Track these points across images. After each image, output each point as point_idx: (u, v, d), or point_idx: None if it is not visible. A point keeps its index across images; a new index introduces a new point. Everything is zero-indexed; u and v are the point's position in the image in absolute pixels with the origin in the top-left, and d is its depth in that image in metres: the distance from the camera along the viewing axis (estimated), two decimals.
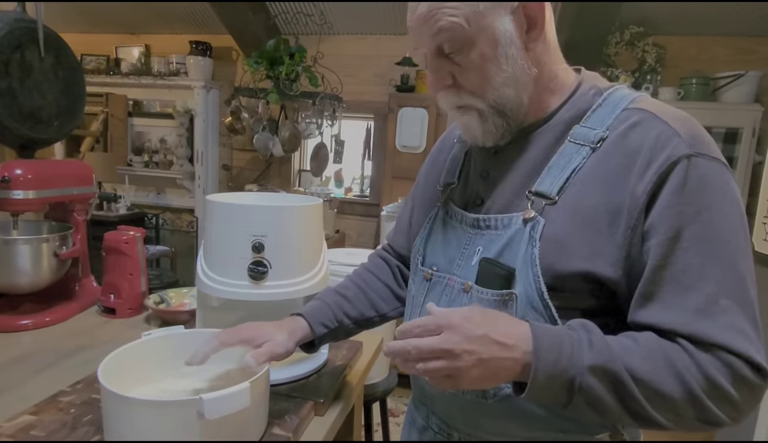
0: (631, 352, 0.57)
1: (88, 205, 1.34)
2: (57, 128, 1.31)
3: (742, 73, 2.70)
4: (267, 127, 3.10)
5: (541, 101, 0.71)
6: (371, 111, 3.40)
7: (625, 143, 0.63)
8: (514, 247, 0.67)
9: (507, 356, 0.56)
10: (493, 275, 0.67)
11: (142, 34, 3.88)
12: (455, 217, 0.79)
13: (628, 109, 0.66)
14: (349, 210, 3.55)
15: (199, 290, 0.98)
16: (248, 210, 0.93)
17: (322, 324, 0.86)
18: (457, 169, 0.82)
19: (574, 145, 0.67)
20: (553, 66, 0.71)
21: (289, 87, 2.83)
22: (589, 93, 0.70)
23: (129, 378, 0.78)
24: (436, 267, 0.78)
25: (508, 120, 0.70)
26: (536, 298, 0.64)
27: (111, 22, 3.75)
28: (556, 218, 0.65)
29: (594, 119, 0.67)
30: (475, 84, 0.67)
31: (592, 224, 0.62)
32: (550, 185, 0.66)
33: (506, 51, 0.65)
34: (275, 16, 3.34)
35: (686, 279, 0.58)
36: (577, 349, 0.57)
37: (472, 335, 0.56)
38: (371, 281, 0.95)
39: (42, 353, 1.05)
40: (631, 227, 0.60)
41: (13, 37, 1.18)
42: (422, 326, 0.58)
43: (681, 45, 2.95)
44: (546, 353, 0.56)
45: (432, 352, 0.56)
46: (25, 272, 1.19)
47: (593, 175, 0.64)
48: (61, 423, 0.76)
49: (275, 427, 0.80)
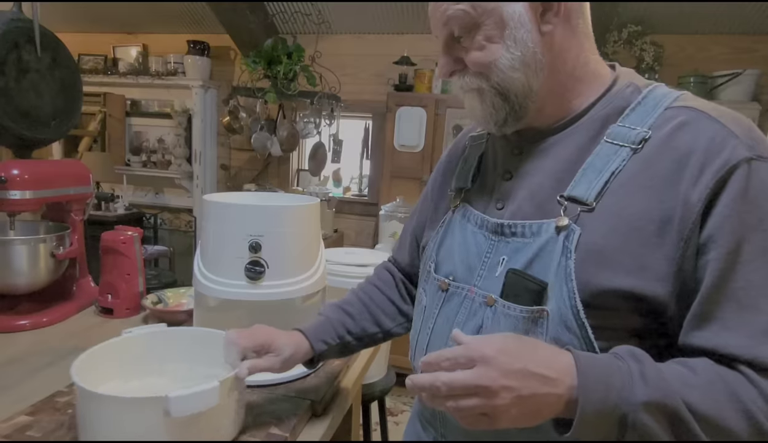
0: (689, 384, 0.51)
1: (85, 205, 1.34)
2: (54, 127, 1.31)
3: (739, 72, 2.70)
4: (265, 126, 3.09)
5: (569, 91, 0.65)
6: (369, 110, 3.40)
7: (673, 145, 0.57)
8: (546, 258, 0.61)
9: (549, 391, 0.51)
10: (522, 290, 0.61)
11: (140, 34, 3.87)
12: (474, 221, 0.72)
13: (672, 107, 0.61)
14: (347, 210, 3.55)
15: (196, 290, 0.98)
16: (245, 210, 0.93)
17: (323, 341, 0.82)
18: (471, 172, 0.77)
19: (611, 145, 0.61)
20: (582, 53, 0.65)
21: (287, 86, 2.82)
22: (627, 90, 0.64)
23: (106, 374, 0.79)
24: (452, 277, 0.71)
25: (514, 105, 0.65)
26: (570, 316, 0.57)
27: (108, 22, 3.74)
28: (594, 227, 0.58)
29: (634, 118, 0.62)
30: (480, 65, 0.64)
31: (637, 233, 0.56)
32: (587, 190, 0.60)
33: (515, 33, 0.61)
34: (273, 16, 3.33)
35: (747, 298, 0.53)
36: (628, 382, 0.51)
37: (510, 369, 0.50)
38: (376, 296, 0.90)
39: (39, 353, 1.04)
40: (684, 238, 0.55)
41: (9, 37, 1.18)
42: (452, 360, 0.52)
43: (679, 43, 2.95)
44: (593, 387, 0.50)
45: (465, 388, 0.50)
46: (23, 273, 1.19)
47: (637, 179, 0.58)
48: (58, 424, 0.76)
49: (272, 427, 0.79)
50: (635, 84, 0.65)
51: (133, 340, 0.85)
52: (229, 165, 3.81)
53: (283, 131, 3.06)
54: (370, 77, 3.38)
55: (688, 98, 0.62)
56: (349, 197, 3.62)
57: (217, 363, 0.79)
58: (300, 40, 3.02)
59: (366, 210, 3.51)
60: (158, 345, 0.86)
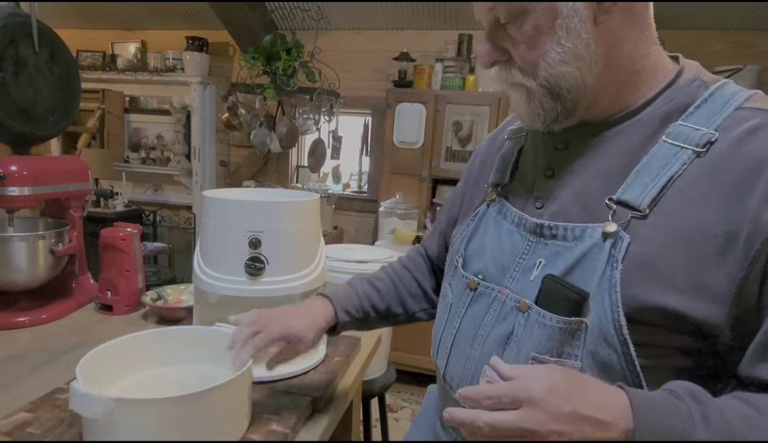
0: (755, 425, 0.47)
1: (84, 202, 1.34)
2: (52, 124, 1.31)
3: (740, 67, 2.69)
4: (264, 123, 3.08)
5: (625, 85, 0.59)
6: (369, 107, 3.39)
7: (744, 151, 0.52)
8: (588, 266, 0.56)
9: (603, 436, 0.47)
10: (560, 298, 0.56)
11: (138, 30, 3.86)
12: (510, 218, 0.67)
13: (743, 108, 0.55)
14: (347, 206, 3.54)
15: (196, 286, 0.98)
16: (244, 206, 0.92)
17: (347, 312, 0.81)
18: (509, 167, 0.72)
19: (671, 146, 0.55)
20: (642, 43, 0.58)
21: (286, 83, 2.82)
22: (693, 85, 0.58)
23: (129, 369, 0.80)
24: (482, 276, 0.67)
25: (565, 103, 0.59)
26: (611, 331, 0.53)
27: (107, 18, 3.73)
28: (646, 236, 0.54)
29: (698, 117, 0.56)
30: (526, 59, 0.58)
31: (696, 247, 0.51)
32: (640, 194, 0.55)
33: (567, 23, 0.55)
34: (272, 12, 3.32)
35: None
36: (689, 425, 0.47)
37: (560, 412, 0.46)
38: (405, 277, 0.89)
39: (39, 350, 1.04)
40: (750, 259, 0.49)
41: (6, 33, 1.17)
42: (495, 399, 0.48)
43: (680, 39, 2.94)
44: (651, 432, 0.46)
45: (509, 431, 0.47)
46: (22, 270, 1.19)
47: (699, 187, 0.53)
48: (58, 421, 0.76)
49: (273, 424, 0.79)
50: (701, 79, 0.59)
51: (150, 336, 0.85)
52: (228, 162, 3.81)
53: (282, 127, 3.05)
54: (369, 73, 3.37)
55: (763, 98, 0.57)
56: (348, 194, 3.61)
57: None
58: (299, 36, 3.01)
59: (365, 207, 3.51)
60: (174, 340, 0.86)
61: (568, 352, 0.56)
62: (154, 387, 0.80)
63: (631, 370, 0.54)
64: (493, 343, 0.63)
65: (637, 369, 0.53)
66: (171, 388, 0.77)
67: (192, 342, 0.87)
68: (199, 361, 0.86)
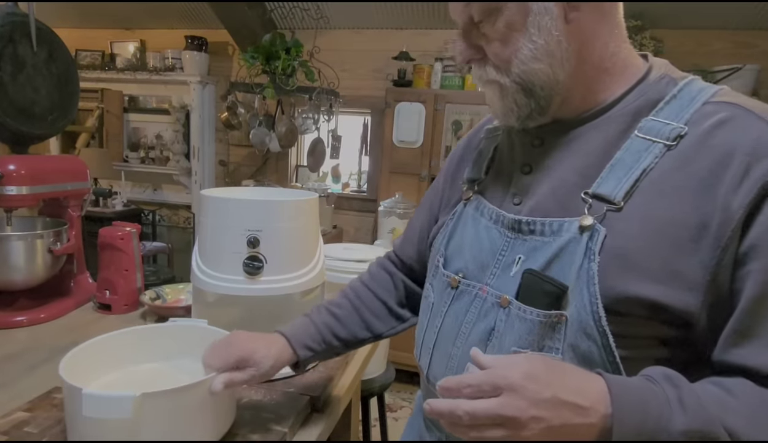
0: (730, 409, 0.48)
1: (82, 201, 1.34)
2: (50, 123, 1.30)
3: (739, 67, 2.69)
4: (263, 122, 3.08)
5: (596, 82, 0.61)
6: (368, 106, 3.39)
7: (712, 143, 0.53)
8: (566, 259, 0.57)
9: (582, 421, 0.47)
10: (539, 292, 0.57)
11: (137, 30, 3.86)
12: (488, 215, 0.68)
13: (710, 102, 0.56)
14: (346, 206, 3.54)
15: (194, 285, 0.98)
16: (243, 205, 0.92)
17: (306, 347, 0.78)
18: (485, 162, 0.73)
19: (643, 140, 0.57)
20: (612, 41, 0.60)
21: (286, 82, 2.81)
22: (662, 82, 0.60)
23: (114, 365, 0.79)
24: (463, 274, 0.67)
25: (539, 100, 0.61)
26: (591, 323, 0.54)
27: (105, 18, 3.73)
28: (621, 228, 0.55)
29: (668, 112, 0.57)
30: (500, 56, 0.60)
31: (669, 238, 0.52)
32: (615, 188, 0.56)
33: (539, 20, 0.57)
34: (271, 11, 3.32)
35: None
36: (665, 410, 0.48)
37: (539, 398, 0.47)
38: (367, 298, 0.86)
39: (37, 349, 1.04)
40: (722, 246, 0.51)
41: (5, 32, 1.17)
42: (475, 387, 0.48)
43: (679, 39, 2.94)
44: (629, 416, 0.47)
45: (489, 418, 0.47)
46: (20, 269, 1.19)
47: (671, 179, 0.54)
48: (56, 420, 0.76)
49: (271, 423, 0.79)
50: (670, 76, 0.61)
51: (150, 331, 0.85)
52: (228, 161, 3.80)
53: (281, 126, 3.05)
54: (368, 73, 3.37)
55: (729, 93, 0.58)
56: (347, 193, 3.61)
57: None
58: (298, 36, 3.01)
59: (365, 206, 3.51)
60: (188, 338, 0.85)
61: (549, 345, 0.57)
62: (137, 383, 0.79)
63: (611, 361, 0.55)
64: (475, 340, 0.63)
65: (616, 360, 0.54)
66: (156, 384, 0.77)
67: (173, 339, 0.86)
68: (180, 357, 0.84)
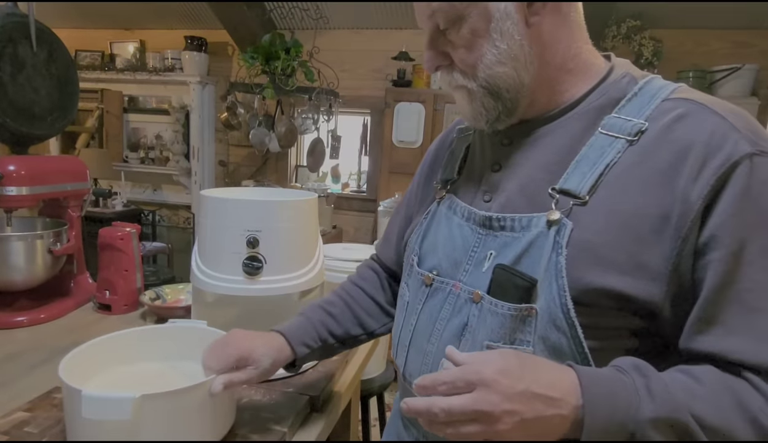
0: (696, 395, 0.50)
1: (82, 201, 1.34)
2: (50, 123, 1.31)
3: (738, 67, 2.70)
4: (263, 122, 3.08)
5: (560, 83, 0.63)
6: (368, 106, 3.39)
7: (671, 138, 0.55)
8: (535, 254, 0.58)
9: (554, 413, 0.48)
10: (510, 286, 0.59)
11: (137, 30, 3.86)
12: (460, 213, 0.69)
13: (669, 99, 0.58)
14: (346, 206, 3.54)
15: (194, 285, 0.98)
16: (242, 205, 0.92)
17: (304, 344, 0.78)
18: (457, 162, 0.75)
19: (606, 136, 0.59)
20: (573, 43, 0.62)
21: (285, 82, 2.82)
22: (623, 80, 0.62)
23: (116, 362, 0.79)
24: (437, 271, 0.69)
25: (505, 102, 0.63)
26: (560, 315, 0.55)
27: (105, 18, 3.73)
28: (587, 222, 0.56)
29: (630, 109, 0.59)
30: (466, 62, 0.62)
31: (632, 230, 0.54)
32: (580, 183, 0.58)
33: (501, 26, 0.59)
34: (270, 11, 3.32)
35: (753, 300, 0.51)
36: (634, 399, 0.49)
37: (512, 392, 0.48)
38: (359, 296, 0.87)
39: (37, 350, 1.04)
40: (682, 236, 0.52)
41: (5, 32, 1.17)
42: (449, 384, 0.49)
43: (678, 38, 2.94)
44: (599, 406, 0.49)
45: (464, 414, 0.48)
46: (20, 269, 1.19)
47: (632, 173, 0.56)
48: (56, 420, 0.76)
49: (271, 423, 0.79)
50: (631, 74, 0.63)
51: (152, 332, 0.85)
52: (228, 161, 3.81)
53: (281, 126, 3.05)
54: (368, 73, 3.37)
55: (686, 90, 0.60)
56: (347, 193, 3.61)
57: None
58: (298, 36, 3.01)
59: (364, 206, 3.51)
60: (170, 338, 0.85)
61: (521, 338, 0.58)
62: (136, 384, 0.78)
63: (580, 352, 0.56)
64: (449, 336, 0.65)
65: (585, 351, 0.56)
66: (155, 386, 0.77)
67: (172, 340, 0.86)
68: (179, 359, 0.84)
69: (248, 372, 0.72)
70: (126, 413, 0.60)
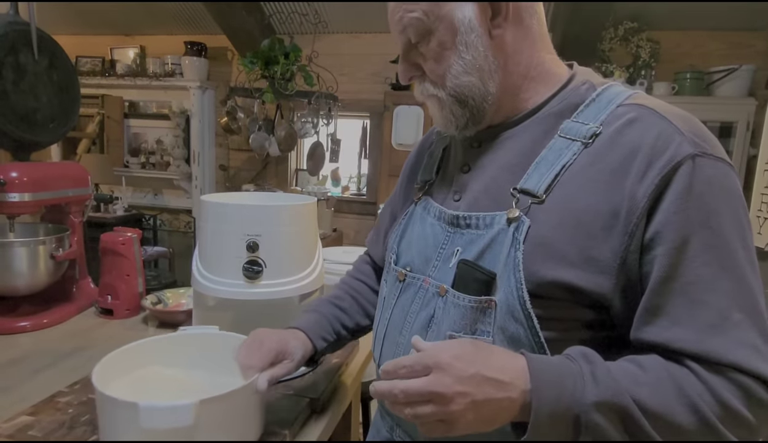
0: (639, 382, 0.53)
1: (84, 207, 1.35)
2: (52, 130, 1.32)
3: (735, 68, 2.71)
4: (263, 126, 3.10)
5: (523, 91, 0.67)
6: (367, 109, 3.41)
7: (621, 141, 0.59)
8: (496, 249, 0.62)
9: (503, 396, 0.52)
10: (471, 280, 0.62)
11: (137, 36, 3.88)
12: (433, 213, 0.73)
13: (623, 104, 0.62)
14: (346, 209, 3.55)
15: (194, 289, 0.99)
16: (242, 210, 0.93)
17: (323, 338, 0.82)
18: (435, 164, 0.78)
19: (564, 140, 0.62)
20: (535, 53, 0.66)
21: (285, 86, 2.83)
22: (582, 87, 0.66)
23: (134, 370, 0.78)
24: (410, 267, 0.73)
25: (472, 110, 0.67)
26: (517, 307, 0.58)
27: (106, 24, 3.75)
28: (543, 219, 0.60)
29: (587, 114, 0.63)
30: (435, 73, 0.66)
31: (583, 226, 0.57)
32: (538, 183, 0.61)
33: (466, 38, 0.63)
34: (270, 16, 3.34)
35: (695, 292, 0.53)
36: (579, 383, 0.52)
37: (464, 375, 0.51)
38: (362, 289, 0.92)
39: (40, 354, 1.05)
40: (629, 233, 0.55)
41: (6, 40, 1.18)
42: (408, 367, 0.53)
43: (675, 40, 2.95)
44: (546, 390, 0.52)
45: (420, 396, 0.52)
46: (22, 275, 1.20)
47: (585, 173, 0.59)
48: (59, 424, 0.77)
49: (271, 425, 0.80)
50: (591, 82, 0.66)
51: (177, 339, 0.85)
52: (228, 165, 3.82)
53: (281, 131, 3.07)
54: (367, 76, 3.39)
55: (640, 97, 0.64)
56: (347, 196, 3.62)
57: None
58: (297, 40, 3.03)
59: (364, 209, 3.52)
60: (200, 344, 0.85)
61: (481, 329, 0.62)
62: (150, 389, 0.78)
63: (537, 342, 0.59)
64: (418, 328, 0.68)
65: (542, 341, 0.58)
66: (170, 390, 0.78)
67: (194, 346, 0.86)
68: (195, 366, 0.84)
69: (286, 366, 0.74)
70: (188, 419, 0.61)
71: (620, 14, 2.87)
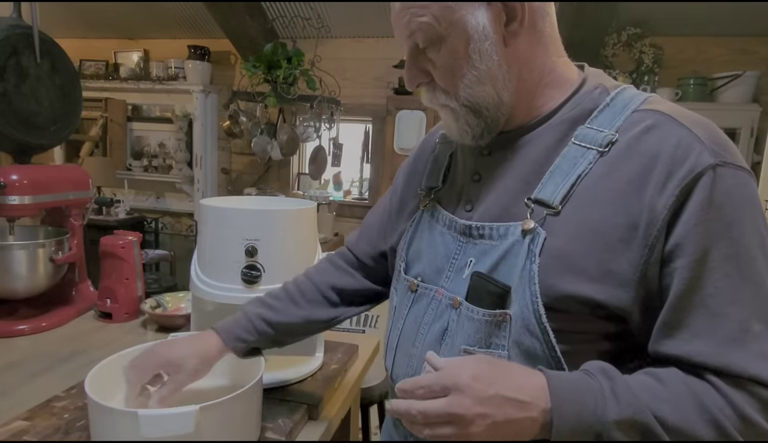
0: (659, 398, 0.52)
1: (84, 210, 1.35)
2: (53, 133, 1.32)
3: (739, 74, 2.70)
4: (265, 130, 3.10)
5: (537, 97, 0.65)
6: (369, 114, 3.41)
7: (639, 149, 0.57)
8: (511, 261, 0.60)
9: (524, 416, 0.51)
10: (485, 293, 0.61)
11: (141, 39, 3.90)
12: (443, 221, 0.71)
13: (639, 110, 0.60)
14: (348, 213, 3.55)
15: (193, 294, 0.98)
16: (241, 214, 0.93)
17: (239, 339, 0.78)
18: (441, 171, 0.76)
19: (579, 147, 0.60)
20: (548, 58, 0.64)
21: (287, 90, 2.83)
22: (595, 91, 0.63)
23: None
24: (421, 277, 0.71)
25: (486, 119, 0.65)
26: (533, 320, 0.57)
27: (109, 28, 3.77)
28: (559, 231, 0.58)
29: (601, 120, 0.61)
30: (447, 82, 0.64)
31: (601, 238, 0.56)
32: (553, 193, 0.60)
33: (479, 46, 0.60)
34: (273, 20, 3.35)
35: (716, 305, 0.52)
36: (600, 401, 0.51)
37: (483, 396, 0.50)
38: (305, 286, 0.85)
39: (38, 358, 1.05)
40: (649, 245, 0.54)
41: (8, 43, 1.19)
42: (426, 388, 0.52)
43: (678, 46, 2.95)
44: (567, 409, 0.51)
45: (439, 417, 0.51)
46: (22, 278, 1.20)
47: (603, 183, 0.57)
48: (54, 428, 0.76)
49: (268, 431, 0.79)
50: (603, 85, 0.64)
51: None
52: (230, 169, 3.82)
53: (283, 134, 3.07)
54: (369, 81, 3.39)
55: (656, 101, 0.62)
56: (349, 201, 3.62)
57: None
58: (300, 45, 3.04)
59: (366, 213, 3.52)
60: None
61: (496, 343, 0.60)
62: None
63: (553, 356, 0.57)
64: (431, 340, 0.67)
65: (558, 355, 0.57)
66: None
67: None
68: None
69: (175, 381, 0.73)
70: (189, 426, 0.61)
71: (623, 20, 2.87)
